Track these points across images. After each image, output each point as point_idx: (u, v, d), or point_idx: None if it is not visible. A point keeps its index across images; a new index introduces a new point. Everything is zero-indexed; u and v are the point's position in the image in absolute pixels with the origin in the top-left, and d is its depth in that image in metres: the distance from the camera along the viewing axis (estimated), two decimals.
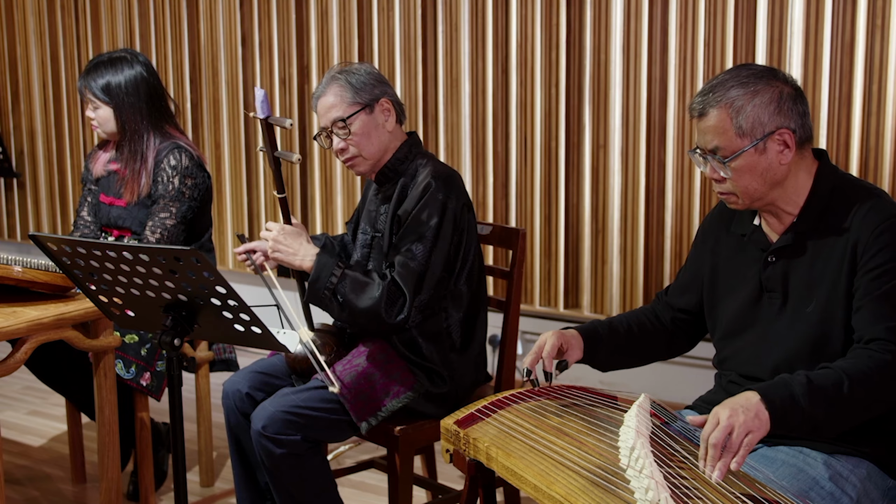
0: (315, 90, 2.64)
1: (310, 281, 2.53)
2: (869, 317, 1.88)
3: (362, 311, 2.50)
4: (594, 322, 2.24)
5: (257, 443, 2.50)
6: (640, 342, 2.26)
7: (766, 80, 1.96)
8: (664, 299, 2.32)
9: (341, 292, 2.51)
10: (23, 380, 4.37)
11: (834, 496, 1.87)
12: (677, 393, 3.67)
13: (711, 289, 2.18)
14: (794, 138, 1.96)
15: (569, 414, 2.04)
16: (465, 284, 2.64)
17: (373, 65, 2.71)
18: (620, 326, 2.25)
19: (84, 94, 3.19)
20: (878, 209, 1.93)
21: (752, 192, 1.98)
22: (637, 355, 2.29)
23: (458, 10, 4.11)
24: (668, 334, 2.29)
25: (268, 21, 4.63)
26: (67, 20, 5.30)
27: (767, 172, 1.96)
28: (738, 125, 1.94)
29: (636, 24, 3.75)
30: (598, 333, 2.20)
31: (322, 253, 2.54)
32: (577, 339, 2.16)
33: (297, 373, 2.66)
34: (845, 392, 1.80)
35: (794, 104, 1.96)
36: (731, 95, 1.95)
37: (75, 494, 3.41)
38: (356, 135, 2.58)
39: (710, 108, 1.96)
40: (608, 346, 2.21)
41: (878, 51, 3.34)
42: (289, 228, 2.59)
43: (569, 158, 3.96)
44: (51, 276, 2.67)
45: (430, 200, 2.53)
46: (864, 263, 1.90)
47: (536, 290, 4.10)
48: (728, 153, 1.96)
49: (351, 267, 2.54)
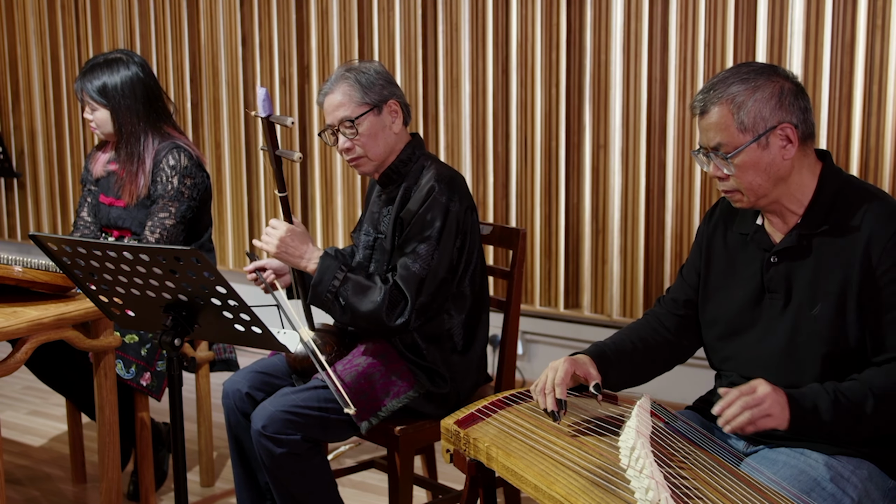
0: (323, 86, 2.63)
1: (313, 283, 2.53)
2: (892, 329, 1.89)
3: (364, 314, 2.50)
4: (598, 344, 2.18)
5: (257, 442, 2.50)
6: (646, 357, 2.21)
7: (766, 76, 1.95)
8: (665, 304, 2.27)
9: (343, 295, 2.51)
10: (23, 380, 4.37)
11: (835, 497, 1.87)
12: (677, 393, 3.67)
13: (705, 282, 2.17)
14: (796, 133, 1.95)
15: (569, 414, 2.04)
16: (468, 286, 2.64)
17: (382, 64, 2.69)
18: (625, 345, 2.20)
19: (81, 97, 3.19)
20: (890, 215, 1.92)
21: (756, 188, 1.97)
22: (645, 371, 2.23)
23: (458, 10, 4.11)
24: (671, 343, 2.23)
25: (268, 21, 4.63)
26: (68, 20, 5.30)
27: (771, 168, 1.96)
28: (740, 120, 1.94)
29: (636, 24, 3.75)
30: (606, 355, 2.14)
31: (326, 256, 2.55)
32: (591, 363, 2.09)
33: (298, 372, 2.66)
34: (868, 412, 1.84)
35: (796, 99, 1.96)
36: (731, 91, 1.94)
37: (76, 494, 3.41)
38: (363, 135, 2.57)
39: (711, 105, 1.96)
40: (618, 365, 2.16)
41: (879, 51, 3.34)
42: (296, 230, 2.59)
43: (569, 158, 3.97)
44: (51, 276, 2.67)
45: (433, 203, 2.53)
46: (885, 273, 1.90)
47: (537, 291, 4.10)
48: (730, 149, 1.95)
49: (353, 270, 2.54)
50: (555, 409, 1.98)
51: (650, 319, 2.26)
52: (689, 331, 2.23)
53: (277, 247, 2.58)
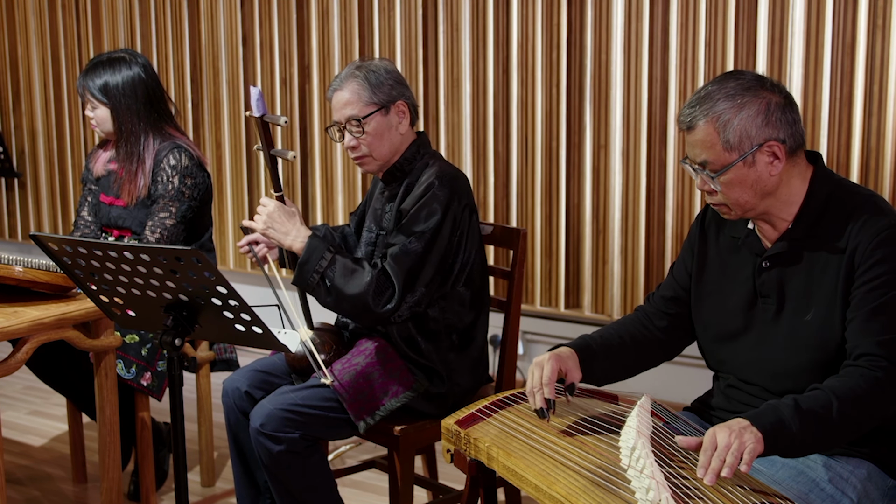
0: (333, 81, 2.63)
1: (300, 262, 2.51)
2: (860, 330, 1.87)
3: (349, 297, 2.49)
4: (585, 337, 2.19)
5: (256, 440, 2.50)
6: (634, 353, 2.22)
7: (752, 92, 1.93)
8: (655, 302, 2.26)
9: (329, 277, 2.49)
10: (24, 380, 4.37)
11: (834, 498, 1.87)
12: (677, 393, 3.67)
13: (698, 283, 2.16)
14: (783, 149, 1.94)
15: (570, 414, 2.04)
16: (463, 286, 2.63)
17: (393, 63, 2.68)
18: (613, 339, 2.20)
19: (83, 94, 3.19)
20: (875, 219, 1.91)
21: (744, 203, 1.97)
22: (631, 367, 2.24)
23: (458, 10, 4.11)
24: (659, 341, 2.24)
25: (269, 21, 4.63)
26: (68, 20, 5.30)
27: (757, 184, 1.95)
28: (726, 139, 1.92)
29: (637, 24, 3.75)
30: (591, 349, 2.15)
31: (314, 237, 2.54)
32: (574, 358, 2.11)
33: (297, 371, 2.66)
34: (834, 414, 1.80)
35: (783, 114, 1.94)
36: (717, 109, 1.92)
37: (76, 494, 3.42)
38: (369, 135, 2.58)
39: (697, 122, 1.94)
40: (603, 360, 2.17)
41: (879, 51, 3.34)
42: (283, 207, 2.57)
43: (570, 158, 3.97)
44: (52, 276, 2.67)
45: (431, 199, 2.53)
46: (860, 275, 1.89)
47: (537, 290, 4.10)
48: (717, 167, 1.94)
49: (342, 252, 2.53)
50: (543, 406, 1.99)
51: (640, 315, 2.26)
52: (678, 329, 2.23)
53: (265, 222, 2.57)
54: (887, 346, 1.84)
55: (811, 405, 1.80)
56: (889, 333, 1.85)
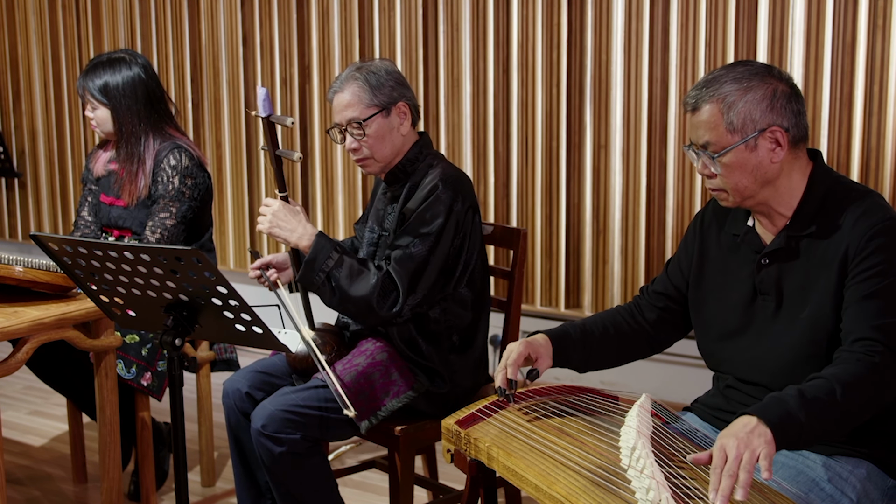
0: (333, 82, 2.63)
1: (306, 260, 2.51)
2: (855, 316, 1.87)
3: (354, 298, 2.49)
4: (566, 324, 2.20)
5: (257, 441, 2.50)
6: (617, 343, 2.22)
7: (760, 77, 1.94)
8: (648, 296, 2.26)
9: (335, 277, 2.50)
10: (24, 380, 4.37)
11: (833, 498, 1.87)
12: (678, 393, 3.67)
13: (697, 284, 2.16)
14: (786, 137, 1.94)
15: (570, 414, 2.04)
16: (465, 287, 2.63)
17: (395, 63, 2.68)
18: (595, 328, 2.21)
19: (83, 94, 3.19)
20: (870, 214, 1.91)
21: (742, 189, 1.97)
22: (614, 356, 2.24)
23: (459, 10, 4.11)
24: (647, 334, 2.24)
25: (269, 21, 4.63)
26: (69, 20, 5.30)
27: (758, 170, 1.95)
28: (729, 121, 1.93)
29: (637, 23, 3.75)
30: (569, 337, 2.16)
31: (321, 235, 2.54)
32: (546, 346, 2.11)
33: (298, 372, 2.66)
34: (839, 399, 1.77)
35: (789, 102, 1.94)
36: (723, 91, 1.94)
37: (76, 494, 3.42)
38: (370, 137, 2.57)
39: (702, 103, 1.96)
40: (581, 349, 2.17)
41: (880, 51, 3.34)
42: (288, 206, 2.58)
43: (570, 158, 3.97)
44: (52, 276, 2.67)
45: (435, 201, 2.53)
46: (854, 266, 1.89)
47: (537, 290, 4.10)
48: (718, 148, 1.95)
49: (348, 253, 2.54)
50: (503, 386, 2.04)
51: (631, 307, 2.28)
52: (667, 324, 2.24)
53: (270, 221, 2.58)
54: (883, 331, 1.84)
55: (816, 393, 1.78)
56: (884, 318, 1.84)
